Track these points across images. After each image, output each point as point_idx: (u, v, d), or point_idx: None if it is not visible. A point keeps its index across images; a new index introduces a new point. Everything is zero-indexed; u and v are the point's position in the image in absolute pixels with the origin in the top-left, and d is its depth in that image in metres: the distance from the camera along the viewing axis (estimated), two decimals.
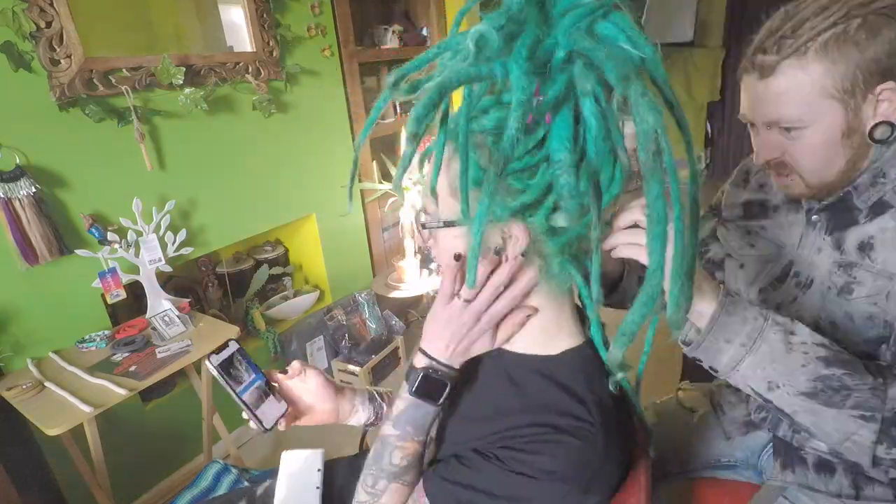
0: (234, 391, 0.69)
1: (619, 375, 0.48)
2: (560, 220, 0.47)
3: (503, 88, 0.47)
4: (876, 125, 0.63)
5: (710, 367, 0.62)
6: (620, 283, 0.85)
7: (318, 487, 0.80)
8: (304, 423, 0.76)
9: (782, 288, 0.78)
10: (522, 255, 0.51)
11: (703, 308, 0.58)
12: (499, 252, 0.52)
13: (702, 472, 0.94)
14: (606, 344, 0.58)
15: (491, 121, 0.47)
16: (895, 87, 0.61)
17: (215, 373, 0.69)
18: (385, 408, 0.81)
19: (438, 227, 0.55)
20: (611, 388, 0.51)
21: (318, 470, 0.82)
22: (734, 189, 0.90)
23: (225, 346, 0.72)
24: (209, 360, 0.69)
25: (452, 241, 0.55)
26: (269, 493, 0.81)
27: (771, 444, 0.86)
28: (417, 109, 0.42)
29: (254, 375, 0.72)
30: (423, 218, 0.58)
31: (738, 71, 0.70)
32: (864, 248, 0.67)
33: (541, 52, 0.44)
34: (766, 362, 0.57)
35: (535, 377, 0.56)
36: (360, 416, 0.79)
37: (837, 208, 0.71)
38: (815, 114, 0.64)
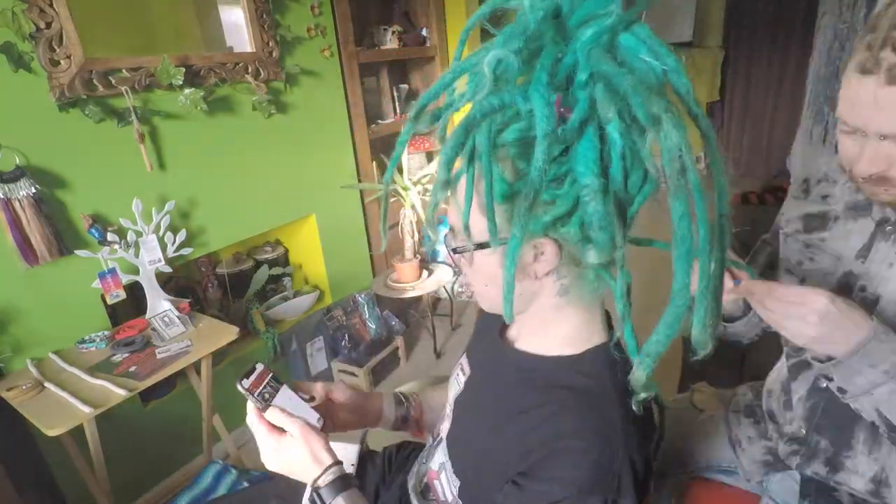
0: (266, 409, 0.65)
1: (642, 396, 0.47)
2: (591, 257, 0.45)
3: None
4: None
5: (839, 388, 0.62)
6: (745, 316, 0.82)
7: None
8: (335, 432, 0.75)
9: None
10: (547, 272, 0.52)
11: (854, 337, 0.58)
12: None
13: (699, 473, 0.93)
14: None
15: (513, 133, 0.46)
16: None
17: (247, 395, 0.66)
18: (412, 410, 0.81)
19: (472, 251, 0.53)
20: (634, 407, 0.50)
21: (352, 465, 0.83)
22: (793, 201, 0.83)
23: (252, 368, 0.69)
24: (240, 384, 0.67)
25: (486, 260, 0.53)
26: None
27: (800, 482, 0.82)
28: (447, 153, 0.41)
29: (282, 392, 0.68)
30: (452, 241, 0.56)
31: (848, 64, 0.59)
32: None
33: (560, 70, 0.43)
34: None
35: (554, 379, 0.56)
36: (386, 419, 0.79)
37: None
38: None
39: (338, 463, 0.61)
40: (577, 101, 0.43)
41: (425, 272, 2.25)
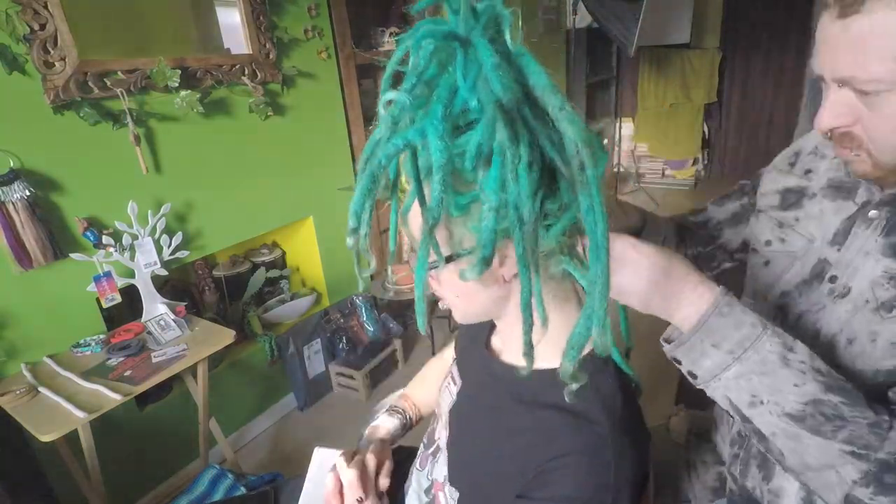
0: None
1: (574, 387, 0.46)
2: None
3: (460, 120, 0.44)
4: None
5: (689, 373, 0.54)
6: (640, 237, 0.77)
7: None
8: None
9: (812, 293, 0.64)
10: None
11: (692, 308, 0.51)
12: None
13: None
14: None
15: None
16: None
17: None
18: (412, 415, 0.87)
19: (440, 267, 0.52)
20: (567, 398, 0.47)
21: None
22: (775, 174, 0.75)
23: None
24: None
25: (451, 273, 0.53)
26: (298, 488, 0.82)
27: None
28: (354, 203, 0.41)
29: None
30: (414, 261, 0.56)
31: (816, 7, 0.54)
32: None
33: (458, 101, 0.43)
34: (754, 373, 0.50)
35: (541, 395, 0.55)
36: (397, 438, 0.84)
37: None
38: None
39: None
40: (476, 130, 0.42)
41: None
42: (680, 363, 0.54)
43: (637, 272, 0.51)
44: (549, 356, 0.55)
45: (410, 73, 0.43)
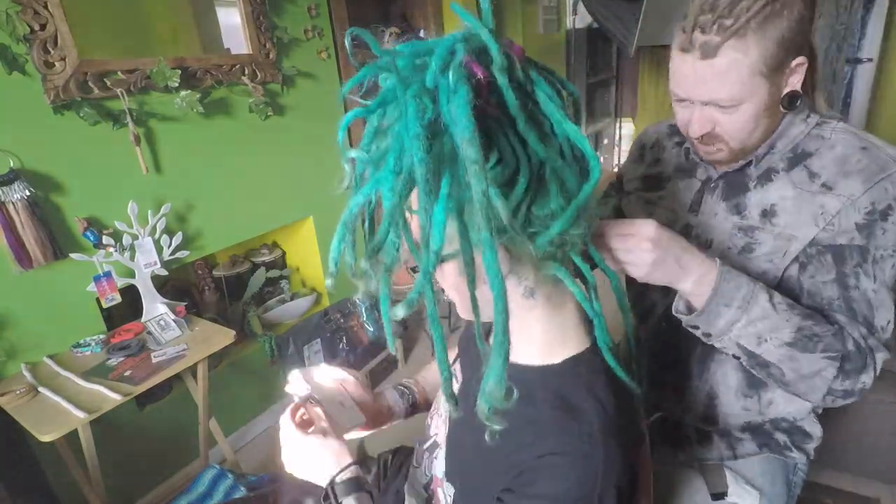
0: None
1: (497, 428, 0.46)
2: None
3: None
4: (786, 94, 0.71)
5: (704, 334, 0.68)
6: None
7: None
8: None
9: None
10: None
11: (700, 281, 0.63)
12: None
13: None
14: (612, 349, 0.57)
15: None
16: (804, 61, 0.68)
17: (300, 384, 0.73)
18: (417, 395, 0.84)
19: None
20: (487, 438, 0.48)
21: None
22: (632, 164, 0.98)
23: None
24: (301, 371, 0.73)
25: (448, 269, 0.54)
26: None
27: None
28: (333, 250, 0.45)
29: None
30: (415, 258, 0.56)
31: (672, 46, 0.71)
32: (767, 214, 0.75)
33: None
34: (757, 319, 0.65)
35: (535, 391, 0.55)
36: (397, 413, 0.80)
37: (731, 177, 0.79)
38: (749, 92, 0.68)
39: (356, 463, 0.62)
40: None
41: None
42: (697, 328, 0.68)
43: (659, 248, 0.61)
44: (543, 354, 0.56)
45: (368, 131, 0.48)
